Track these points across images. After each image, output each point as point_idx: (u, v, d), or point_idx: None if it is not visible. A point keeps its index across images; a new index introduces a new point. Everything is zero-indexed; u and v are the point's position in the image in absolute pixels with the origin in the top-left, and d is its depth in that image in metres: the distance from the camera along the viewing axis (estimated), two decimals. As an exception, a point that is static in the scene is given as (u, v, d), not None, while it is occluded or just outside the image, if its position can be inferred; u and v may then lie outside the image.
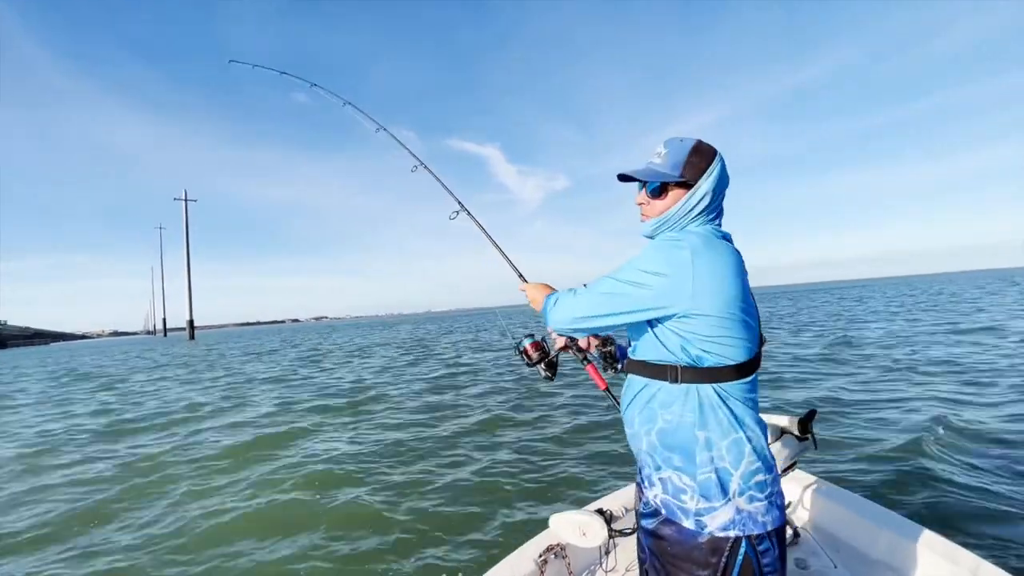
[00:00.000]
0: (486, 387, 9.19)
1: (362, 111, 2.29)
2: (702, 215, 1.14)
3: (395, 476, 4.66)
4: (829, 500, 2.07)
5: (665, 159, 1.16)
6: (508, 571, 1.81)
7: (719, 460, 1.04)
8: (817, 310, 26.00)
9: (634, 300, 1.08)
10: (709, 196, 1.13)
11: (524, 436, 5.73)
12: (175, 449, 6.06)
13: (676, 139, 1.17)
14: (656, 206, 1.18)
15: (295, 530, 3.61)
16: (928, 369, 7.75)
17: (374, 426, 6.69)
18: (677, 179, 1.13)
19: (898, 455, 4.13)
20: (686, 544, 1.05)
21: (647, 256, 1.09)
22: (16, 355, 50.08)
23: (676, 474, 1.07)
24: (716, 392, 1.06)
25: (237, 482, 4.73)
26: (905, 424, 4.96)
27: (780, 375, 8.15)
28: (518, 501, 3.97)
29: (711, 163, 1.14)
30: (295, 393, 10.00)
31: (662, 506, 1.10)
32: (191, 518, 3.92)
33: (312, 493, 4.27)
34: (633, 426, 1.17)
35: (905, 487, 3.56)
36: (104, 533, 3.78)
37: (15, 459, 6.13)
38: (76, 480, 5.11)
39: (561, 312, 1.22)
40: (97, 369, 20.43)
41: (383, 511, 3.86)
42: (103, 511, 4.22)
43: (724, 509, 1.02)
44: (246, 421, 7.52)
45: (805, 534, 2.08)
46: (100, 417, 8.68)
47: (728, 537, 1.01)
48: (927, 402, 5.76)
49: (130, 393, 11.83)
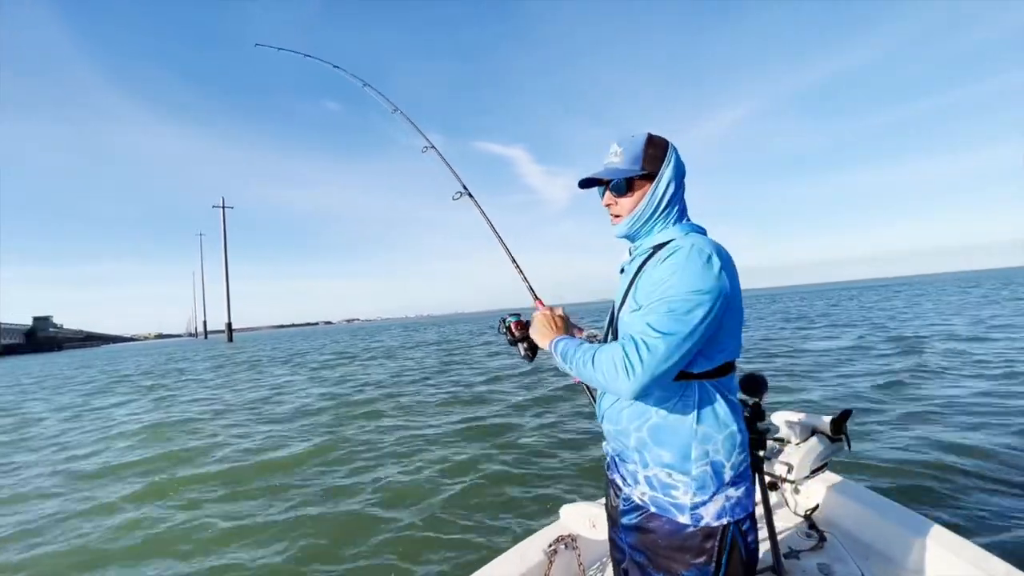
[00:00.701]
0: (512, 386, 9.21)
1: (380, 92, 2.36)
2: (671, 205, 1.16)
3: (407, 469, 4.72)
4: (860, 504, 1.96)
5: (622, 157, 1.18)
6: (518, 560, 1.81)
7: (714, 453, 1.06)
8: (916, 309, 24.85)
9: (703, 326, 1.00)
10: (673, 184, 1.16)
11: (536, 431, 5.74)
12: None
13: (628, 136, 1.20)
14: (624, 204, 1.19)
15: (300, 527, 3.70)
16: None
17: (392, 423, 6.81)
18: (639, 173, 1.15)
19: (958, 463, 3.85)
20: (679, 535, 1.05)
21: (691, 276, 1.01)
22: (81, 356, 53.03)
23: (665, 471, 1.07)
24: (713, 387, 1.08)
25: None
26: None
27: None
28: (528, 492, 3.99)
29: (667, 152, 1.17)
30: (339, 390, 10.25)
31: (650, 504, 1.09)
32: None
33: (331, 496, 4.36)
34: (619, 423, 1.15)
35: (952, 497, 3.32)
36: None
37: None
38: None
39: (647, 373, 0.97)
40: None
41: (395, 501, 3.93)
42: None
43: (717, 499, 1.05)
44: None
45: (832, 539, 1.98)
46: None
47: (721, 524, 1.04)
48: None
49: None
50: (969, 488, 3.42)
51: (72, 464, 5.99)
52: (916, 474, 3.69)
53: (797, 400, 6.42)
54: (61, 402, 12.32)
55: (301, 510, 3.99)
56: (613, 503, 1.23)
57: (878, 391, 6.47)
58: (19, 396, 14.68)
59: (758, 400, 1.81)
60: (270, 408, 8.94)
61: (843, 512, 2.02)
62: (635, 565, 1.15)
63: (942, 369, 7.66)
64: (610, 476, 1.26)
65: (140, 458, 5.98)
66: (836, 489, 2.06)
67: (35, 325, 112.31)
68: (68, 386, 16.58)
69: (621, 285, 1.22)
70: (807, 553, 1.91)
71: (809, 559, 1.88)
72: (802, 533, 2.02)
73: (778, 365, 9.31)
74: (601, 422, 1.24)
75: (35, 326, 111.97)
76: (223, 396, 11.02)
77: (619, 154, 1.18)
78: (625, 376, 0.97)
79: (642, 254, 1.18)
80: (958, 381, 6.80)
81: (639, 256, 1.19)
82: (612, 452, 1.24)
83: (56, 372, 24.87)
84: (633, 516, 1.14)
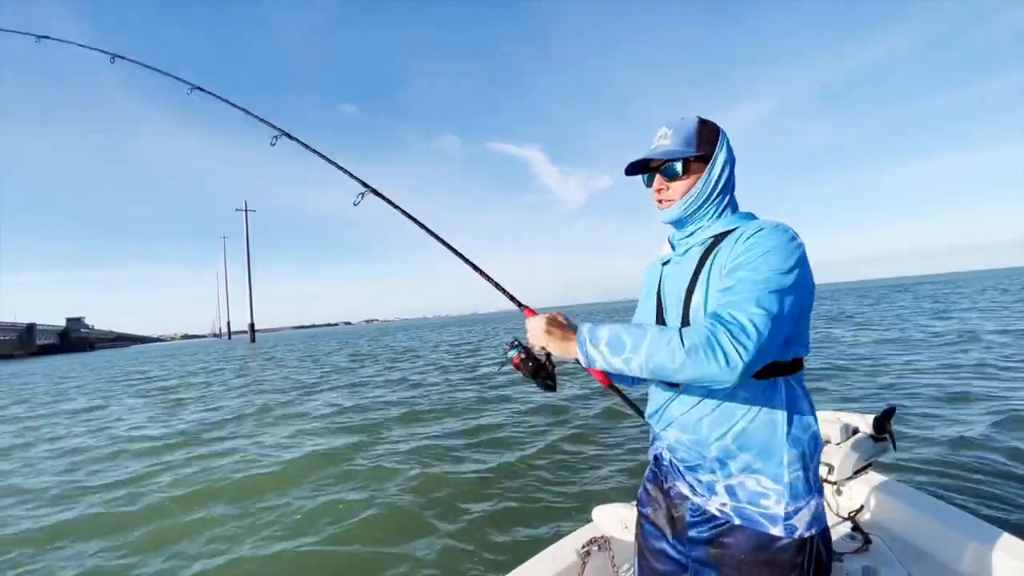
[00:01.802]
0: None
1: (213, 93, 2.25)
2: (724, 191, 1.10)
3: (433, 470, 4.74)
4: (908, 506, 1.89)
5: (673, 139, 1.10)
6: (550, 561, 1.80)
7: (805, 457, 0.97)
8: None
9: (799, 307, 0.94)
10: (728, 169, 1.09)
11: (563, 432, 5.70)
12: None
13: (677, 119, 1.12)
14: (677, 188, 1.10)
15: (336, 523, 3.74)
16: None
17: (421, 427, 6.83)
18: (695, 154, 1.08)
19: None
20: (768, 549, 0.95)
21: (784, 257, 0.93)
22: (114, 355, 54.77)
23: (753, 478, 0.97)
24: (795, 383, 1.01)
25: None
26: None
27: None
28: (559, 494, 3.96)
29: (719, 135, 1.10)
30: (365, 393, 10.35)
31: (734, 515, 0.99)
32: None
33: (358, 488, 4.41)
34: (697, 432, 1.02)
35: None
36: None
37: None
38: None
39: (754, 352, 0.85)
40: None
41: (422, 502, 3.95)
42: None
43: (809, 506, 0.96)
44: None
45: (877, 541, 1.91)
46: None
47: (811, 535, 0.96)
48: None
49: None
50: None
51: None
52: (968, 475, 3.54)
53: (847, 397, 6.24)
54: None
55: (330, 512, 4.04)
56: (673, 513, 1.12)
57: (934, 390, 6.24)
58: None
59: None
60: (302, 407, 9.10)
61: (889, 514, 1.94)
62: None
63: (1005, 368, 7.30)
64: (665, 483, 1.15)
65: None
66: (881, 490, 1.99)
67: (68, 326, 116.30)
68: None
69: (677, 279, 1.11)
70: (851, 556, 1.85)
71: (854, 561, 1.82)
72: (846, 536, 1.95)
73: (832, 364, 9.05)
74: (662, 430, 1.12)
75: (68, 327, 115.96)
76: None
77: (669, 136, 1.10)
78: (732, 356, 0.83)
79: (701, 244, 1.09)
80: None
81: (696, 247, 1.10)
82: (678, 461, 1.11)
83: (114, 372, 25.66)
84: (706, 528, 1.03)
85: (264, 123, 2.00)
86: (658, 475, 1.19)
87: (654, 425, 1.16)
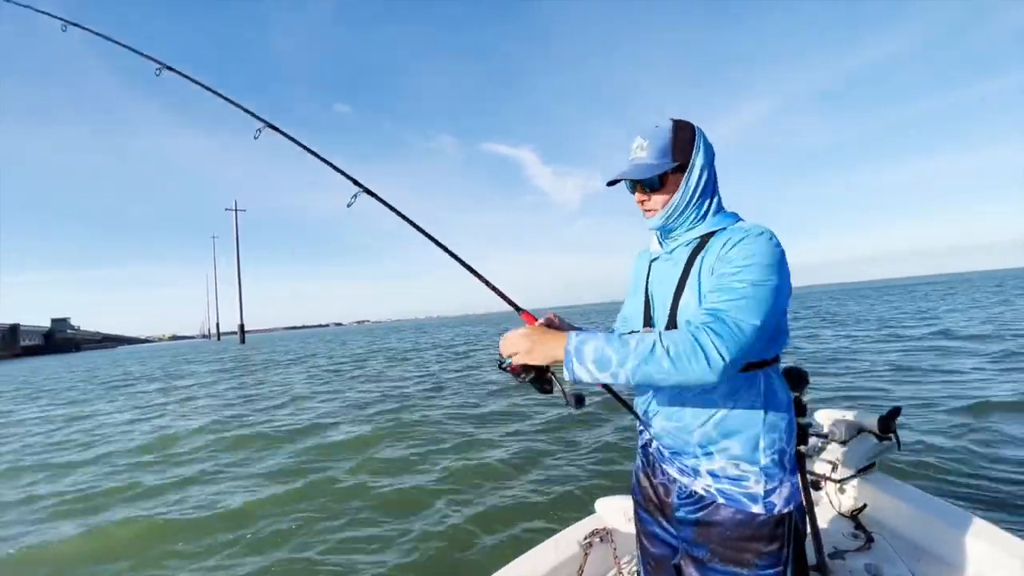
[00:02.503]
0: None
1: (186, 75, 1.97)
2: (706, 192, 1.11)
3: (444, 462, 4.73)
4: (911, 505, 1.87)
5: (648, 150, 1.10)
6: (552, 551, 1.80)
7: (780, 441, 1.05)
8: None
9: (779, 307, 0.98)
10: (707, 170, 1.11)
11: (562, 424, 5.68)
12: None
13: (651, 127, 1.12)
14: (658, 199, 1.12)
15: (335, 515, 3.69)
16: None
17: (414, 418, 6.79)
18: (671, 166, 1.09)
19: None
20: (751, 524, 1.03)
21: (765, 259, 0.98)
22: (101, 357, 53.94)
23: (732, 462, 1.04)
24: (773, 374, 1.09)
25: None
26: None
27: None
28: (561, 485, 3.98)
29: (694, 136, 1.11)
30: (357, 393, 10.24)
31: (718, 495, 1.05)
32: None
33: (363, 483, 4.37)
34: (681, 419, 1.09)
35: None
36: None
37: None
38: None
39: (734, 353, 0.89)
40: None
41: (428, 488, 3.95)
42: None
43: (785, 485, 1.05)
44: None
45: (880, 539, 1.89)
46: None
47: (789, 510, 1.04)
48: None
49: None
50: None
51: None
52: (973, 475, 3.55)
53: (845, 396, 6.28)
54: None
55: (338, 503, 4.02)
56: (663, 498, 1.17)
57: (936, 387, 6.33)
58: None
59: (799, 394, 1.75)
60: (306, 404, 8.99)
61: (892, 513, 1.93)
62: (693, 560, 1.10)
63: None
64: (654, 471, 1.20)
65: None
66: (884, 489, 1.97)
67: (53, 327, 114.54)
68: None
69: (665, 277, 1.14)
70: (853, 554, 1.84)
71: (856, 559, 1.80)
72: (848, 533, 1.94)
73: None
74: (649, 420, 1.17)
75: (53, 328, 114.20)
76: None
77: (645, 148, 1.10)
78: (714, 357, 0.87)
79: (687, 244, 1.13)
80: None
81: (683, 246, 1.13)
82: (664, 448, 1.16)
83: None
84: (693, 508, 1.09)
85: (247, 112, 1.81)
86: (646, 463, 1.26)
87: (641, 415, 1.20)
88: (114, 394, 13.74)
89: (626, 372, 0.91)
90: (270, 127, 1.81)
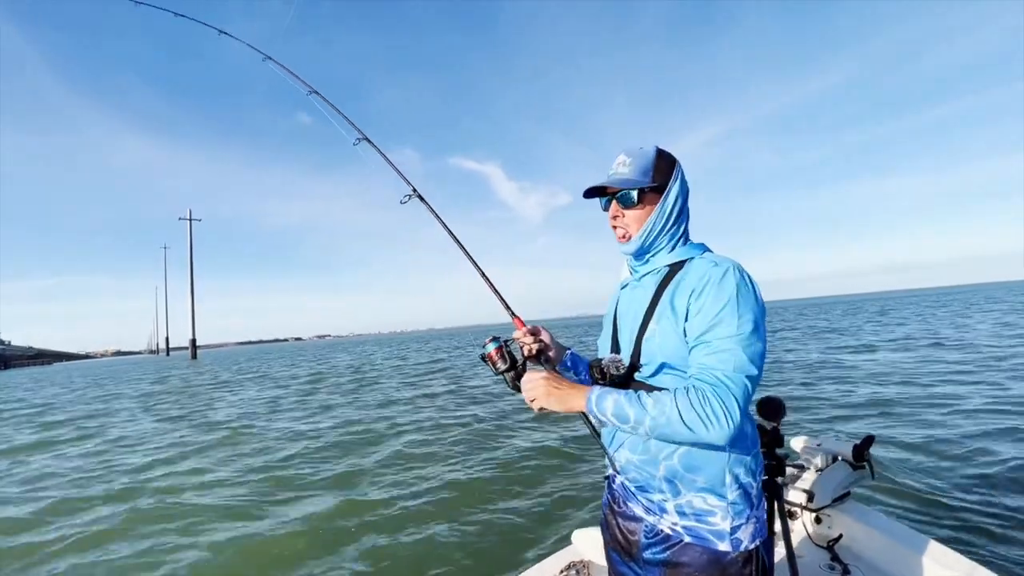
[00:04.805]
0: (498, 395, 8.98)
1: (286, 68, 2.26)
2: (679, 222, 1.15)
3: (406, 493, 4.49)
4: (887, 536, 1.88)
5: (631, 168, 1.14)
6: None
7: (746, 475, 1.05)
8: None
9: (765, 351, 1.01)
10: (681, 200, 1.14)
11: (539, 451, 5.56)
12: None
13: (636, 147, 1.17)
14: (631, 217, 1.15)
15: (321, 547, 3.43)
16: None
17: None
18: (651, 184, 1.12)
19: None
20: (719, 563, 1.01)
21: (744, 305, 0.99)
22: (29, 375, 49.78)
23: (699, 496, 1.03)
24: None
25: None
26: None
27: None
28: (537, 516, 3.86)
29: (674, 166, 1.15)
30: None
31: (684, 533, 1.04)
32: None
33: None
34: (646, 452, 1.09)
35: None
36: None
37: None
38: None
39: (741, 414, 0.93)
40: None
41: (397, 526, 3.71)
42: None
43: (751, 520, 1.04)
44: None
45: (856, 571, 1.89)
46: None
47: (755, 546, 1.03)
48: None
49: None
50: (1010, 523, 3.19)
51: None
52: (950, 506, 3.48)
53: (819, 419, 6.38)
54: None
55: (303, 526, 3.72)
56: (628, 536, 1.15)
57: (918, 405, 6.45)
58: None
59: (776, 424, 1.73)
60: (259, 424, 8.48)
61: (868, 543, 1.93)
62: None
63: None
64: (619, 507, 1.18)
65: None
66: (860, 519, 1.98)
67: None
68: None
69: (632, 304, 1.17)
70: None
71: None
72: (824, 565, 1.92)
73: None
74: (613, 452, 1.17)
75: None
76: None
77: (627, 164, 1.14)
78: (728, 424, 0.91)
79: (655, 272, 1.15)
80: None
81: (652, 275, 1.15)
82: (629, 482, 1.15)
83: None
84: (660, 548, 1.07)
85: (349, 123, 1.99)
86: (612, 499, 1.23)
87: (607, 447, 1.20)
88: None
89: (645, 429, 0.97)
90: (364, 140, 1.93)
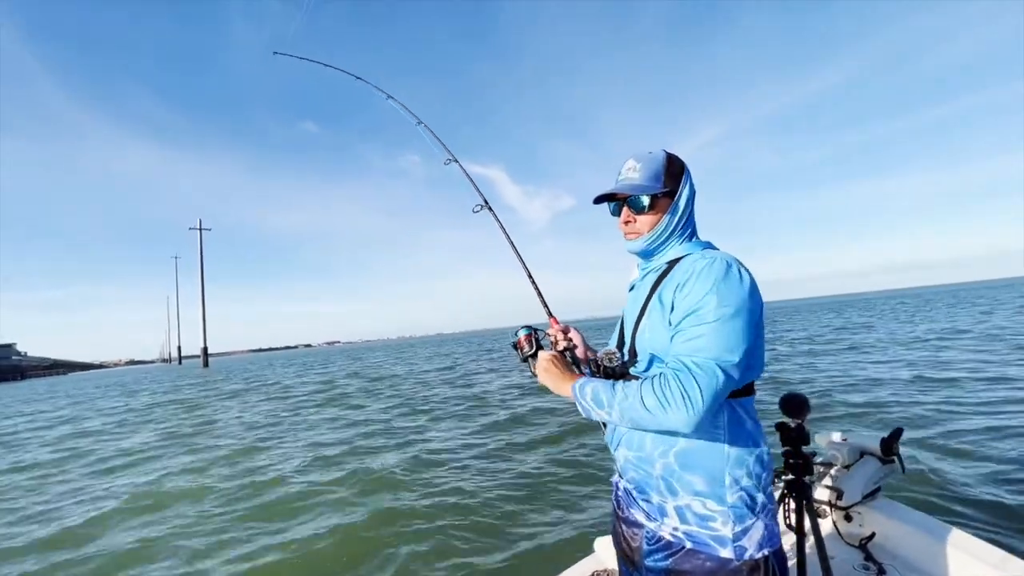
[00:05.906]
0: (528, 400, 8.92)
1: (405, 106, 2.37)
2: (688, 223, 1.16)
3: (421, 496, 4.46)
4: (922, 532, 1.81)
5: (641, 173, 1.15)
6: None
7: (748, 477, 1.01)
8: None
9: (749, 343, 0.98)
10: (690, 203, 1.17)
11: (561, 459, 5.48)
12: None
13: (645, 152, 1.17)
14: (643, 222, 1.17)
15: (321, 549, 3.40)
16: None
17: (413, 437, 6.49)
18: (663, 190, 1.14)
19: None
20: (722, 572, 0.98)
21: (728, 293, 0.98)
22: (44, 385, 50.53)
23: (698, 500, 1.01)
24: (740, 406, 1.05)
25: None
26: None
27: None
28: (560, 524, 3.78)
29: (684, 171, 1.16)
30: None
31: (686, 539, 1.02)
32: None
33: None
34: (641, 448, 1.09)
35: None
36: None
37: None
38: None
39: (707, 400, 0.91)
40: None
41: (413, 537, 3.67)
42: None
43: (756, 527, 0.99)
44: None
45: (892, 570, 1.82)
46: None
47: (763, 555, 0.98)
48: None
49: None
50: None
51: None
52: (985, 498, 3.39)
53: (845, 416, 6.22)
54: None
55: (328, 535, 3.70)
56: (631, 543, 1.14)
57: (939, 403, 6.29)
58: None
59: (801, 421, 1.68)
60: (284, 428, 8.50)
61: (903, 541, 1.86)
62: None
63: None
64: (623, 513, 1.19)
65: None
66: (893, 515, 1.91)
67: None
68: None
69: (633, 302, 1.20)
70: None
71: None
72: (858, 565, 1.86)
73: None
74: (614, 450, 1.19)
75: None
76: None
77: (637, 170, 1.16)
78: (686, 408, 0.90)
79: (656, 270, 1.17)
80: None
81: (652, 272, 1.18)
82: (628, 484, 1.16)
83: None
84: (662, 556, 1.05)
85: (441, 143, 2.07)
86: (617, 507, 1.23)
87: (610, 446, 1.21)
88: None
89: (616, 415, 1.01)
90: (454, 161, 2.06)
